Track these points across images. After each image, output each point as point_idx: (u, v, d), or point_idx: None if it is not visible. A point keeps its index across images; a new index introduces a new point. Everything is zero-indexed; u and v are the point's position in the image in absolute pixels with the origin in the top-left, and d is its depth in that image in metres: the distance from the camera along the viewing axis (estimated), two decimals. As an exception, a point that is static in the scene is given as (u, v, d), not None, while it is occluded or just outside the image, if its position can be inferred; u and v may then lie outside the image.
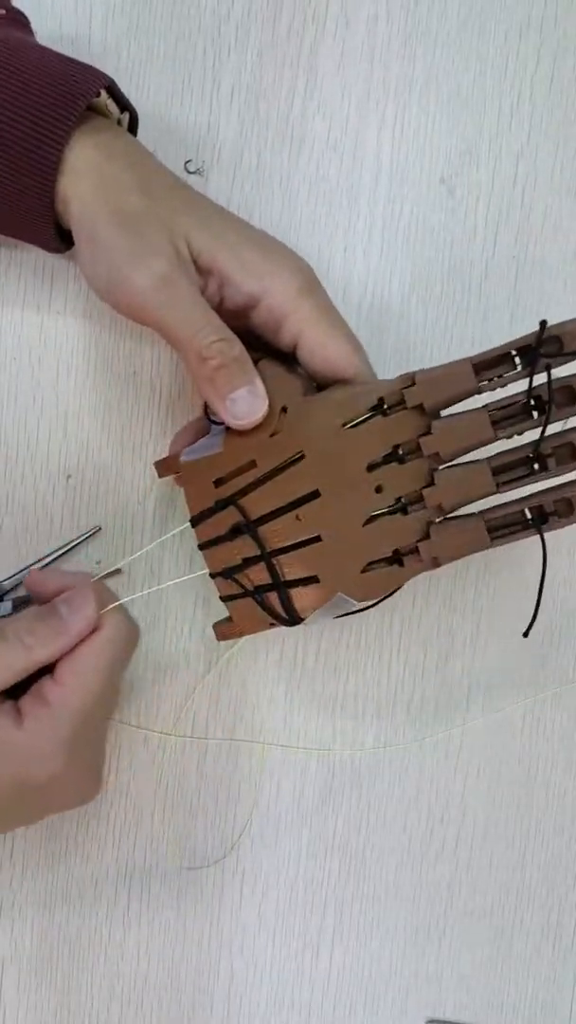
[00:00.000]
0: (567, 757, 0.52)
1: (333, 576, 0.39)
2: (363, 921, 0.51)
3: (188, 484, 0.41)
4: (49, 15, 0.45)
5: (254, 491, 0.39)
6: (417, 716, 0.50)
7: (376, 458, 0.38)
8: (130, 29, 0.46)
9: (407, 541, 0.39)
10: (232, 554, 0.40)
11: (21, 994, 0.48)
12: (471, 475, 0.38)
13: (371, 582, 0.39)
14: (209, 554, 0.41)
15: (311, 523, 0.39)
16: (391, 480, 0.38)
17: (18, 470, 0.47)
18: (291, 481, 0.39)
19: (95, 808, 0.48)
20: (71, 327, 0.47)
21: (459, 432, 0.38)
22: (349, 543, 0.39)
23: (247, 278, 0.38)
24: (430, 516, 0.39)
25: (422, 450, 0.38)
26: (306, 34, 0.47)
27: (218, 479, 0.40)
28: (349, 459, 0.38)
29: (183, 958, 0.49)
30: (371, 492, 0.39)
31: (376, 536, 0.39)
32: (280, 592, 0.39)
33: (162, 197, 0.38)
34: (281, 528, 0.39)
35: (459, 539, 0.39)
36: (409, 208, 0.49)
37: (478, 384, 0.37)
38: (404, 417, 0.38)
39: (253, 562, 0.40)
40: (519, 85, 0.49)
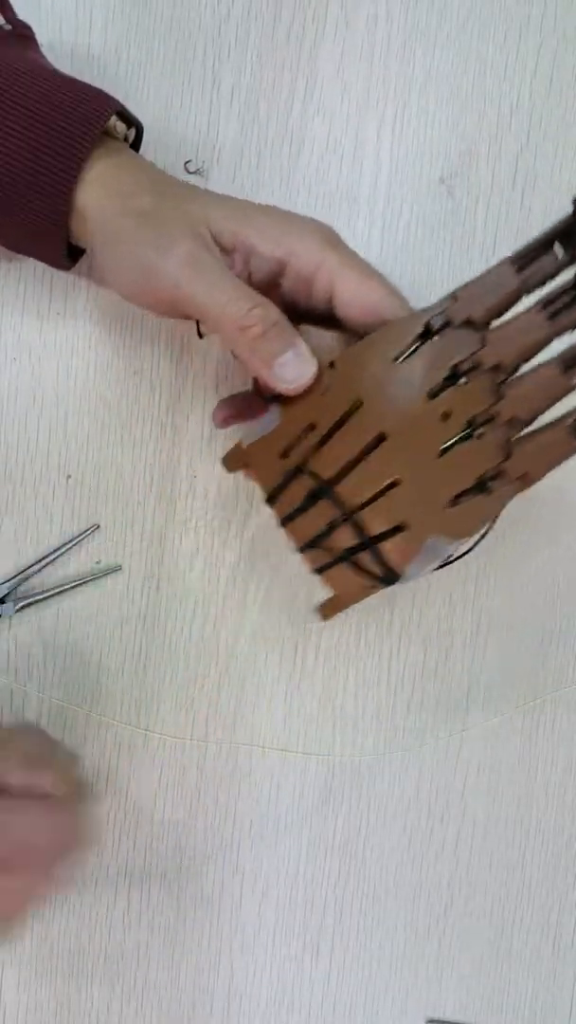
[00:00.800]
0: (567, 757, 0.52)
1: (421, 519, 0.37)
2: (363, 921, 0.51)
3: (256, 465, 0.40)
4: (49, 16, 0.45)
5: (321, 452, 0.38)
6: (417, 716, 0.50)
7: (435, 384, 0.36)
8: (130, 30, 0.46)
9: (489, 464, 0.36)
10: (314, 522, 0.38)
11: (21, 994, 0.48)
12: (540, 376, 0.36)
13: (461, 517, 0.37)
14: (291, 529, 0.39)
15: (385, 469, 0.37)
16: (457, 404, 0.36)
17: (18, 470, 0.47)
18: (355, 431, 0.37)
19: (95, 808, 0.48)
20: (71, 327, 0.47)
21: (515, 335, 0.36)
22: (429, 480, 0.36)
23: (270, 245, 0.38)
24: (508, 433, 0.36)
25: (482, 366, 0.36)
26: (306, 34, 0.47)
27: (283, 451, 0.39)
28: (408, 392, 0.36)
29: (183, 958, 0.49)
30: (438, 421, 0.36)
31: (455, 466, 0.36)
32: (371, 549, 0.37)
33: (174, 194, 0.39)
34: (357, 482, 0.37)
35: (544, 447, 0.36)
36: (409, 208, 0.49)
37: (523, 283, 0.35)
38: (455, 336, 0.36)
39: (337, 525, 0.38)
40: (519, 85, 0.49)
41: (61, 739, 0.48)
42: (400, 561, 0.37)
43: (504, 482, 0.37)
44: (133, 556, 0.48)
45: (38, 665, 0.47)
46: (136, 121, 0.42)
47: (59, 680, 0.48)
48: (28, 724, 0.46)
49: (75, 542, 0.47)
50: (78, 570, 0.47)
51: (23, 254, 0.42)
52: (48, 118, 0.38)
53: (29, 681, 0.47)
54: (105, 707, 0.48)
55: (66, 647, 0.48)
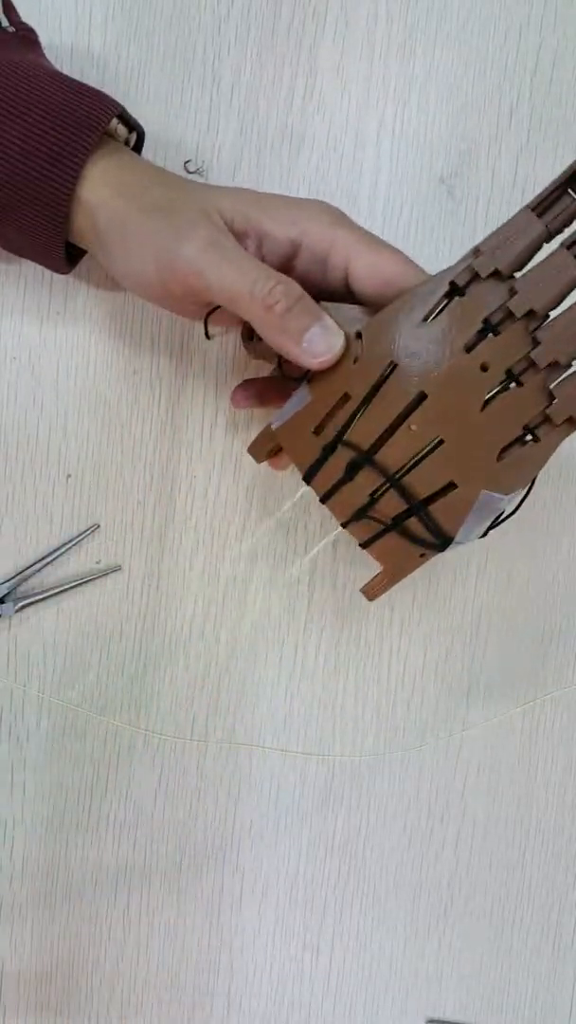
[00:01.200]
0: (567, 757, 0.52)
1: (470, 475, 0.36)
2: (363, 921, 0.51)
3: (289, 445, 0.39)
4: (49, 15, 0.45)
5: (357, 422, 0.37)
6: (417, 715, 0.50)
7: (470, 338, 0.36)
8: (130, 28, 0.46)
9: (533, 411, 0.36)
10: (357, 495, 0.38)
11: (21, 994, 0.48)
12: (574, 317, 0.35)
13: (511, 468, 0.36)
14: (332, 504, 0.39)
15: (428, 428, 0.36)
16: (494, 355, 0.36)
17: (18, 470, 0.47)
18: (392, 395, 0.37)
19: (95, 808, 0.48)
20: (71, 327, 0.46)
21: (544, 279, 0.35)
22: (474, 435, 0.36)
23: (282, 226, 0.39)
24: (548, 378, 0.36)
25: (514, 315, 0.35)
26: (306, 33, 0.47)
27: (317, 428, 0.38)
28: (442, 349, 0.36)
29: (183, 958, 0.49)
30: (477, 374, 0.36)
31: (499, 417, 0.36)
32: (420, 512, 0.37)
33: (182, 186, 0.40)
34: (399, 446, 0.37)
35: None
36: (409, 208, 0.49)
37: (546, 227, 0.35)
38: (484, 288, 0.36)
39: (381, 492, 0.37)
40: (519, 85, 0.49)
41: (61, 739, 0.48)
42: (452, 522, 0.37)
43: (550, 427, 0.36)
44: (133, 556, 0.48)
45: (38, 665, 0.47)
46: (137, 125, 0.42)
47: (59, 680, 0.48)
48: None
49: (75, 542, 0.47)
50: (78, 570, 0.47)
51: (22, 257, 0.42)
52: (48, 121, 0.38)
53: (29, 681, 0.47)
54: (105, 707, 0.48)
55: (66, 647, 0.48)
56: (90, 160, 0.38)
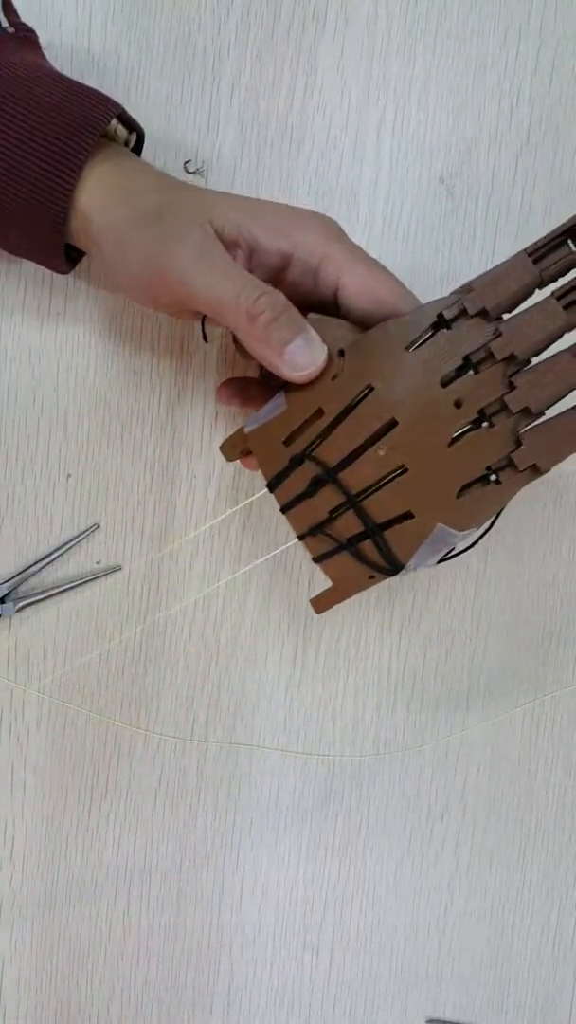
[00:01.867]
0: (567, 757, 0.52)
1: (428, 507, 0.36)
2: (363, 921, 0.51)
3: (258, 451, 0.40)
4: (49, 15, 0.45)
5: (327, 439, 0.38)
6: (417, 715, 0.50)
7: (448, 372, 0.36)
8: (130, 29, 0.46)
9: (499, 455, 0.36)
10: (317, 509, 0.38)
11: (21, 994, 0.48)
12: (552, 367, 0.35)
13: (469, 507, 0.36)
14: (292, 515, 0.39)
15: (394, 455, 0.36)
16: (469, 393, 0.36)
17: (18, 470, 0.47)
18: (364, 417, 0.37)
19: (95, 808, 0.48)
20: (71, 327, 0.46)
21: (530, 326, 0.35)
22: (438, 468, 0.36)
23: (274, 237, 0.38)
24: (519, 423, 0.36)
25: (495, 355, 0.36)
26: (305, 33, 0.47)
27: (288, 438, 0.39)
28: (420, 380, 0.36)
29: (183, 958, 0.49)
30: (450, 409, 0.36)
31: (465, 455, 0.36)
32: (375, 537, 0.37)
33: (177, 191, 0.39)
34: (363, 468, 0.37)
35: (554, 439, 0.36)
36: (409, 207, 0.49)
37: (540, 274, 0.35)
38: (469, 326, 0.36)
39: (341, 511, 0.38)
40: (519, 84, 0.49)
41: (61, 739, 0.48)
42: (404, 550, 0.37)
43: (513, 472, 0.36)
44: (133, 556, 0.48)
45: (38, 665, 0.47)
46: (137, 126, 0.42)
47: (59, 680, 0.48)
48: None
49: (75, 542, 0.47)
50: (78, 570, 0.47)
51: (22, 258, 0.42)
52: (47, 122, 0.38)
53: (29, 681, 0.47)
54: (105, 707, 0.48)
55: (66, 647, 0.48)
56: (88, 163, 0.38)
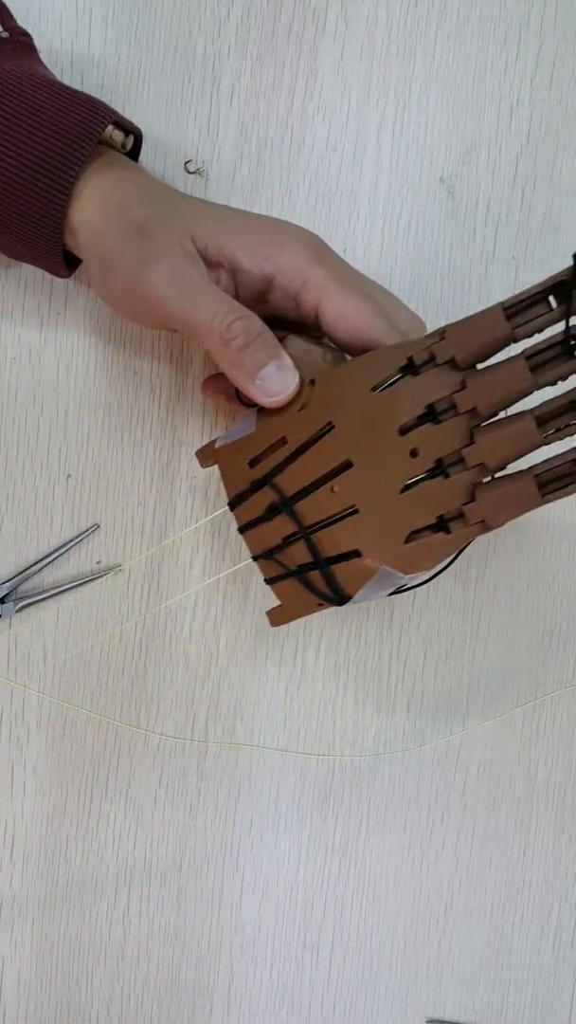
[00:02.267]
0: (567, 757, 0.52)
1: (375, 548, 0.37)
2: (363, 921, 0.51)
3: (224, 468, 0.40)
4: (49, 16, 0.45)
5: (288, 468, 0.38)
6: (417, 715, 0.50)
7: (408, 420, 0.36)
8: (130, 30, 0.46)
9: (451, 506, 0.36)
10: (272, 534, 0.39)
11: (21, 994, 0.48)
12: (513, 427, 0.35)
13: (417, 553, 0.36)
14: (249, 536, 0.40)
15: (347, 494, 0.37)
16: (427, 442, 0.36)
17: (18, 470, 0.47)
18: (323, 453, 0.37)
19: (95, 808, 0.48)
20: (71, 327, 0.47)
21: (496, 383, 0.35)
22: (388, 513, 0.36)
23: (255, 260, 0.38)
24: (475, 477, 0.36)
25: (458, 407, 0.35)
26: (306, 34, 0.47)
27: (253, 460, 0.39)
28: (379, 424, 0.36)
29: (183, 958, 0.49)
30: (406, 457, 0.36)
31: (416, 503, 0.36)
32: (322, 569, 0.38)
33: (163, 206, 0.39)
34: (318, 502, 0.37)
35: (507, 498, 0.35)
36: (409, 208, 0.49)
37: (512, 330, 0.34)
38: (436, 374, 0.36)
39: (293, 540, 0.38)
40: (519, 85, 0.49)
41: (61, 739, 0.48)
42: (351, 585, 0.38)
43: (462, 524, 0.36)
44: (133, 556, 0.48)
45: (38, 665, 0.47)
46: (134, 129, 0.42)
47: (59, 680, 0.48)
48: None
49: (75, 542, 0.47)
50: (78, 570, 0.47)
51: (23, 262, 0.42)
52: (41, 133, 0.38)
53: (29, 681, 0.47)
54: (105, 707, 0.48)
55: (66, 647, 0.48)
56: (83, 174, 0.38)
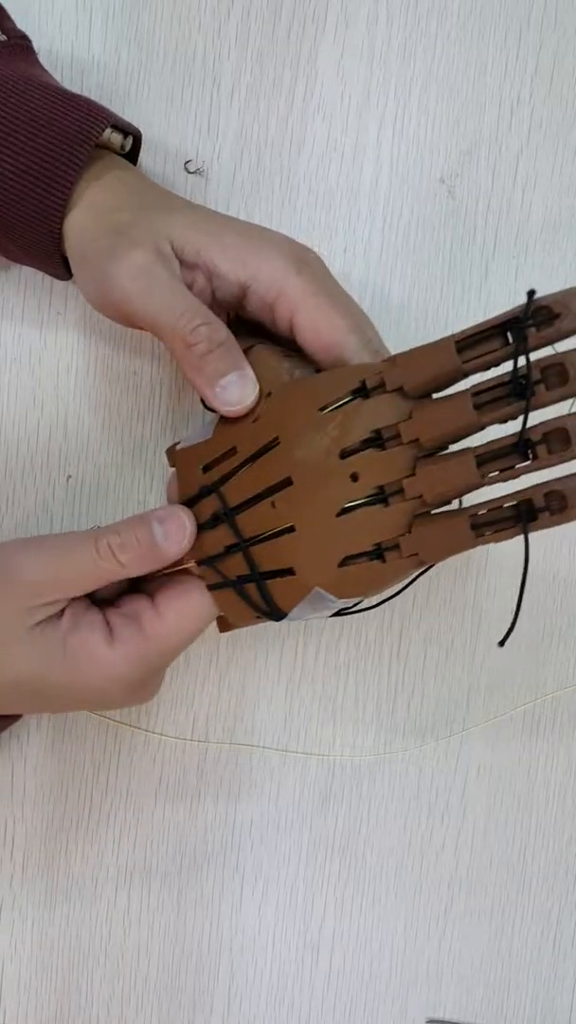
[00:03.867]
0: (567, 757, 0.52)
1: (309, 569, 0.36)
2: (363, 921, 0.51)
3: (180, 470, 0.40)
4: (49, 16, 0.45)
5: (234, 478, 0.38)
6: (417, 715, 0.50)
7: (353, 443, 0.35)
8: (130, 29, 0.46)
9: (388, 535, 0.35)
10: (215, 543, 0.39)
11: (21, 994, 0.48)
12: (453, 465, 0.34)
13: (350, 578, 0.36)
14: (195, 541, 0.40)
15: (285, 512, 0.37)
16: (369, 468, 0.35)
17: (18, 470, 0.47)
18: (267, 468, 0.37)
19: (95, 808, 0.48)
20: (71, 327, 0.47)
21: (439, 416, 0.34)
22: (324, 534, 0.36)
23: (232, 266, 0.38)
24: (414, 509, 0.35)
25: (401, 437, 0.35)
26: (306, 34, 0.47)
27: (206, 465, 0.39)
28: (322, 444, 0.36)
29: (183, 958, 0.49)
30: (346, 480, 0.35)
31: (352, 528, 0.36)
32: (258, 583, 0.38)
33: (148, 207, 0.39)
34: (257, 517, 0.38)
35: (441, 536, 0.35)
36: (409, 208, 0.49)
37: (462, 364, 0.34)
38: (385, 401, 0.35)
39: (234, 551, 0.38)
40: (519, 85, 0.49)
41: (61, 739, 0.48)
42: (285, 602, 0.37)
43: (397, 555, 0.36)
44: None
45: (38, 665, 0.47)
46: (132, 130, 0.42)
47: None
48: None
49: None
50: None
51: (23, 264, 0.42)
52: (38, 140, 0.38)
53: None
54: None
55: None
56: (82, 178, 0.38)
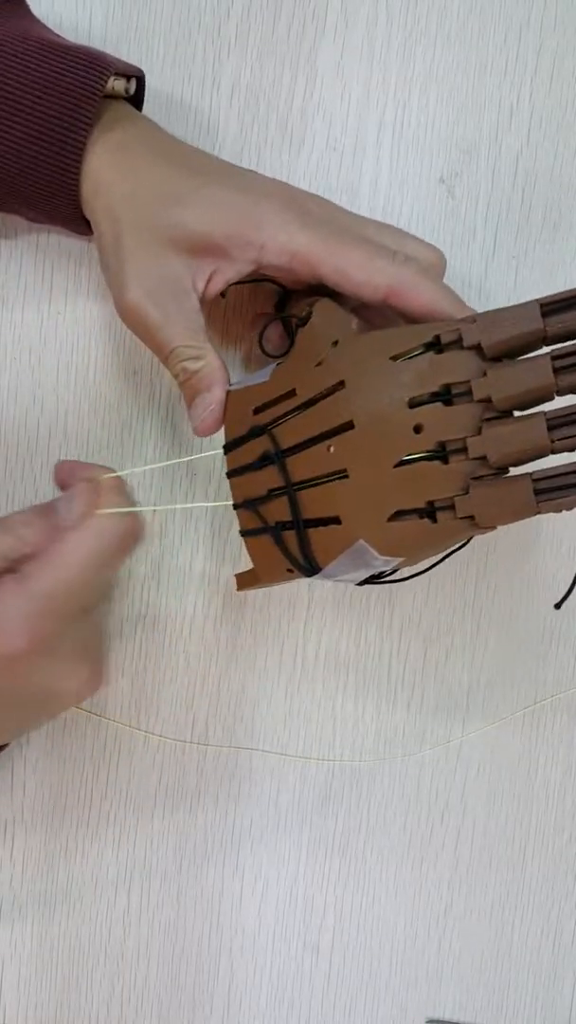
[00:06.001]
0: (567, 758, 0.52)
1: (356, 518, 0.35)
2: (363, 921, 0.51)
3: (229, 411, 0.39)
4: (49, 14, 0.45)
5: (290, 419, 0.37)
6: (417, 715, 0.50)
7: (422, 395, 0.34)
8: (130, 28, 0.46)
9: (444, 493, 0.34)
10: (258, 485, 0.38)
11: (21, 994, 0.48)
12: (523, 427, 0.33)
13: (398, 534, 0.35)
14: (235, 483, 0.39)
15: (341, 456, 0.35)
16: (434, 421, 0.34)
17: (18, 470, 0.47)
18: (328, 411, 0.36)
19: (95, 808, 0.48)
20: (71, 327, 0.46)
21: (515, 377, 0.33)
22: (378, 484, 0.35)
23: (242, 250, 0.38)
24: (474, 470, 0.34)
25: (473, 394, 0.34)
26: (306, 34, 0.47)
27: (258, 408, 0.38)
28: (391, 391, 0.35)
29: (183, 958, 0.49)
30: (409, 431, 0.34)
31: (408, 481, 0.34)
32: (299, 530, 0.36)
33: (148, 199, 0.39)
34: (311, 459, 0.36)
35: (501, 498, 0.34)
36: (409, 207, 0.49)
37: (545, 327, 0.33)
38: (459, 356, 0.34)
39: (277, 494, 0.37)
40: (519, 85, 0.49)
41: (61, 739, 0.48)
42: (324, 554, 0.36)
43: (450, 516, 0.35)
44: (133, 556, 0.47)
45: (38, 665, 0.47)
46: (134, 71, 0.41)
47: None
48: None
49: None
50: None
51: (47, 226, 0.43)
52: (42, 100, 0.37)
53: (29, 681, 0.47)
54: (105, 707, 0.48)
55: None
56: (89, 139, 0.38)
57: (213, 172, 0.40)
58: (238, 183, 0.40)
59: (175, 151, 0.41)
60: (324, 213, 0.39)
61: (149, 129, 0.41)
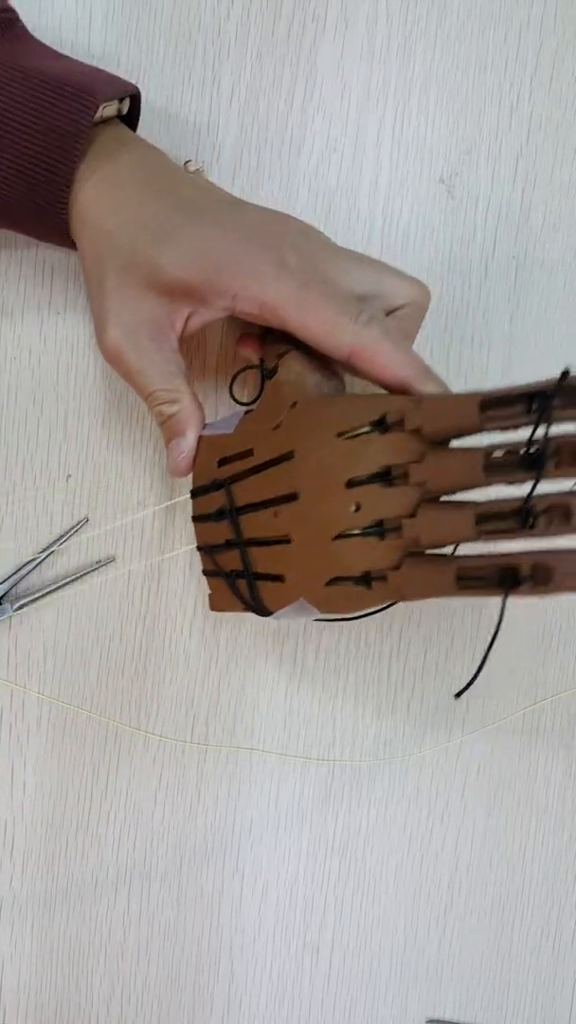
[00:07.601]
0: (567, 757, 0.52)
1: (298, 581, 0.38)
2: (363, 921, 0.51)
3: (199, 458, 0.42)
4: (49, 14, 0.45)
5: (246, 479, 0.40)
6: (417, 715, 0.50)
7: (361, 475, 0.36)
8: (130, 28, 0.46)
9: (378, 566, 0.36)
10: (216, 534, 0.41)
11: (21, 994, 0.48)
12: (453, 516, 0.34)
13: (334, 597, 0.37)
14: (199, 528, 0.43)
15: (285, 523, 0.38)
16: (372, 501, 0.36)
17: (18, 469, 0.47)
18: (277, 478, 0.38)
19: (95, 808, 0.48)
20: (71, 327, 0.46)
21: (449, 467, 0.35)
22: (317, 553, 0.37)
23: (216, 296, 0.38)
24: (408, 547, 0.36)
25: (409, 477, 0.35)
26: (306, 34, 0.47)
27: (222, 460, 0.41)
28: (334, 470, 0.36)
29: (183, 958, 0.49)
30: (348, 509, 0.36)
31: (346, 553, 0.36)
32: (249, 581, 0.40)
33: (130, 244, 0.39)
34: (259, 522, 0.39)
35: (426, 579, 0.35)
36: (409, 208, 0.49)
37: (481, 423, 0.34)
38: (401, 439, 0.36)
39: (232, 546, 0.41)
40: (519, 85, 0.49)
41: (61, 739, 0.48)
42: (272, 604, 0.39)
43: (384, 585, 0.36)
44: (133, 556, 0.48)
45: (38, 665, 0.47)
46: (129, 90, 0.41)
47: (59, 680, 0.48)
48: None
49: (67, 537, 0.47)
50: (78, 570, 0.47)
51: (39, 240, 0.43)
52: (29, 136, 0.37)
53: (29, 681, 0.47)
54: (105, 707, 0.48)
55: (66, 647, 0.48)
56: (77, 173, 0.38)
57: (199, 207, 0.39)
58: (224, 221, 0.39)
59: (164, 181, 0.40)
60: (301, 262, 0.38)
61: (139, 157, 0.41)
